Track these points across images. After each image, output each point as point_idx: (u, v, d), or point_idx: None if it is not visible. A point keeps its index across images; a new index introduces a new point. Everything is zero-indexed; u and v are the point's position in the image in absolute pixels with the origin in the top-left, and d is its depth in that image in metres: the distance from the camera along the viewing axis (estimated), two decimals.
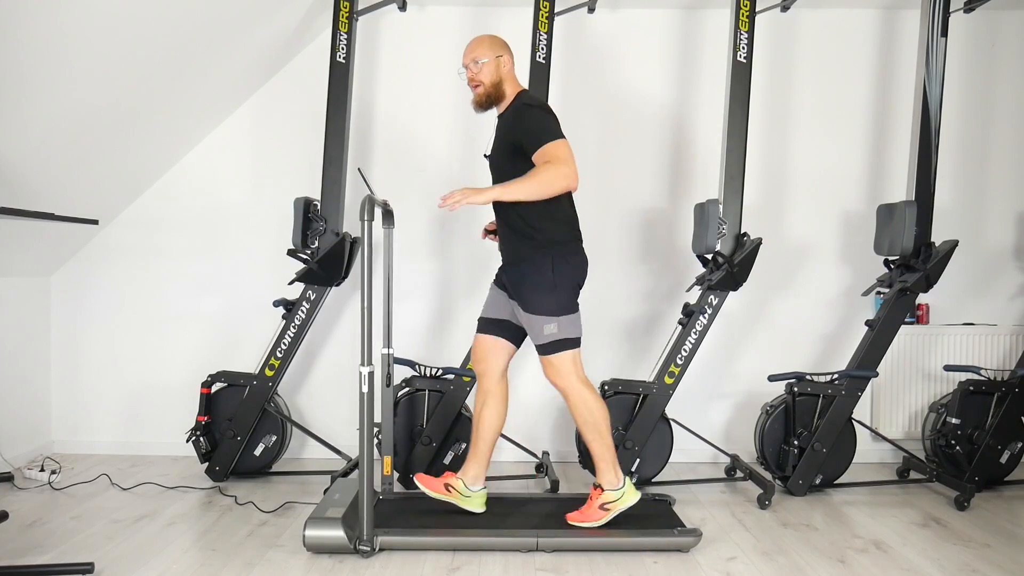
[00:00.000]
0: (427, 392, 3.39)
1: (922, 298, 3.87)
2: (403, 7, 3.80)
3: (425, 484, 2.82)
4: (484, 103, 2.73)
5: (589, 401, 2.70)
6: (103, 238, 3.91)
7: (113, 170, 3.58)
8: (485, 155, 2.84)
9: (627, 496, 2.71)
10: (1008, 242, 3.96)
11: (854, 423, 3.37)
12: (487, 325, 2.85)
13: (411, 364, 3.42)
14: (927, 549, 2.70)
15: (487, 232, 2.96)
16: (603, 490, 2.71)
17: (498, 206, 2.70)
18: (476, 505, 2.82)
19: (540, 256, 2.65)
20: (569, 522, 2.71)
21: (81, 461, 3.76)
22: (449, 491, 2.80)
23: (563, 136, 2.57)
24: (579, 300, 2.74)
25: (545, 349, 2.68)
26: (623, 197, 3.92)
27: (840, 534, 2.85)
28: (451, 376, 3.40)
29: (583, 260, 2.74)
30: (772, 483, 3.22)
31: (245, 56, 3.60)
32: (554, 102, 3.59)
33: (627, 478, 2.75)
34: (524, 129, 2.59)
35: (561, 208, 2.69)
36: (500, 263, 2.84)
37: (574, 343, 2.69)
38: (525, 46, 3.53)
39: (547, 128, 2.57)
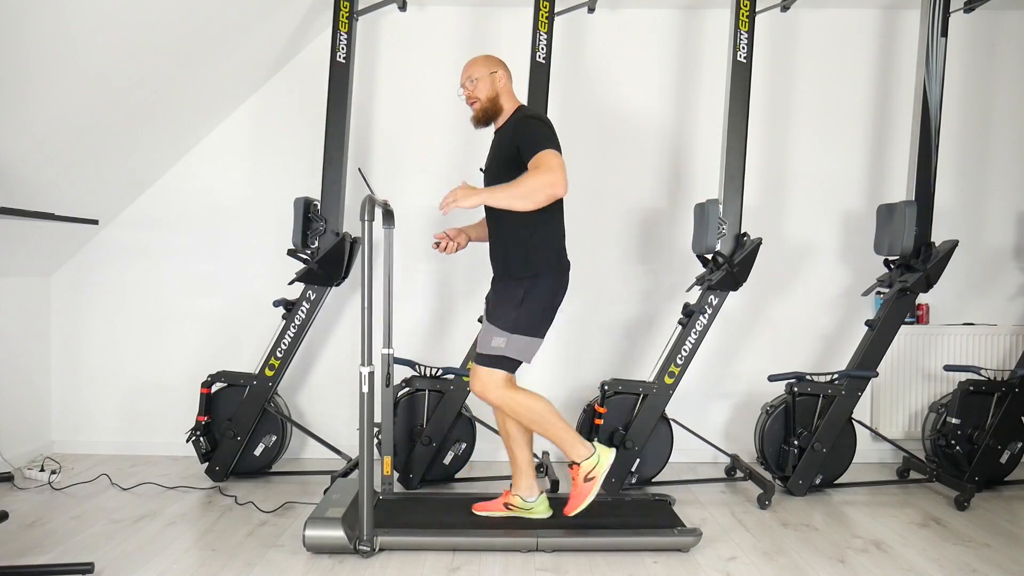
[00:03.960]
0: (427, 392, 3.40)
1: (922, 298, 3.87)
2: (403, 7, 3.80)
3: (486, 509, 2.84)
4: (482, 118, 2.74)
5: (524, 401, 2.66)
6: (103, 238, 3.91)
7: (113, 170, 3.58)
8: (481, 169, 2.81)
9: (604, 461, 2.67)
10: (1008, 242, 3.96)
11: (854, 423, 3.37)
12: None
13: (411, 364, 3.43)
14: (927, 549, 2.70)
15: (444, 240, 2.84)
16: (579, 465, 2.66)
17: (494, 221, 2.72)
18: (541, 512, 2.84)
19: (522, 274, 2.64)
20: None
21: (81, 461, 3.76)
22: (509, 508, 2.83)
23: (558, 147, 2.57)
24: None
25: (483, 360, 2.66)
26: (623, 197, 3.92)
27: (840, 534, 2.85)
28: (451, 376, 3.40)
29: (562, 284, 2.71)
30: (772, 483, 3.22)
31: (245, 56, 3.60)
32: (554, 102, 3.61)
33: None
34: (522, 137, 2.59)
35: (552, 229, 2.68)
36: None
37: (512, 366, 2.66)
38: (525, 46, 3.54)
39: (543, 137, 2.58)
